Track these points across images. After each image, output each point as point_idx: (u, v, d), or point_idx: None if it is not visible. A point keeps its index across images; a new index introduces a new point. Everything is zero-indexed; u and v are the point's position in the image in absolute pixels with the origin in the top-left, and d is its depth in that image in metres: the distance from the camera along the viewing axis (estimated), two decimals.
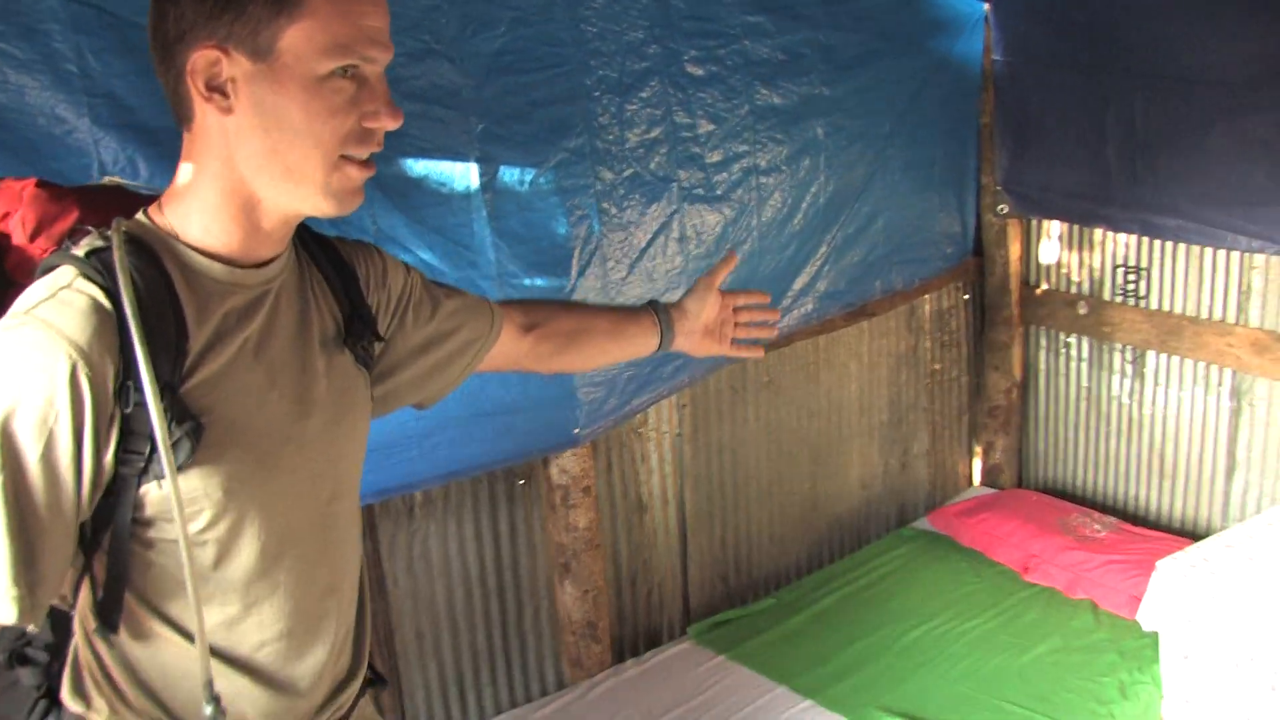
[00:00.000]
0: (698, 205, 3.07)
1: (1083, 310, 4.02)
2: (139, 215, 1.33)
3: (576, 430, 3.00)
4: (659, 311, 1.98)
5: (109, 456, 1.23)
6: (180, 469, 1.25)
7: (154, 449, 1.23)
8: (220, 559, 1.35)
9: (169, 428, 1.23)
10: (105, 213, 1.34)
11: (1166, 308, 3.80)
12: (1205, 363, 3.74)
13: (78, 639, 1.39)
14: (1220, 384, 3.72)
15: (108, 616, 1.32)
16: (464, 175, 2.63)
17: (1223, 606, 2.85)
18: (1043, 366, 4.27)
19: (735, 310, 2.06)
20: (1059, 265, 4.11)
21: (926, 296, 4.10)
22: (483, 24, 2.60)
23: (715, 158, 3.09)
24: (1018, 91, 3.83)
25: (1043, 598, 3.57)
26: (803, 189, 3.33)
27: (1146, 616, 3.04)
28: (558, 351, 1.89)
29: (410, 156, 2.55)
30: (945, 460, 4.38)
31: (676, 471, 3.49)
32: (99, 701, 1.38)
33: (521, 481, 3.14)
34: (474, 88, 2.60)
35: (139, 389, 1.21)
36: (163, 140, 2.16)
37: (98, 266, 1.22)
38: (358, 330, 1.50)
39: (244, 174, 1.28)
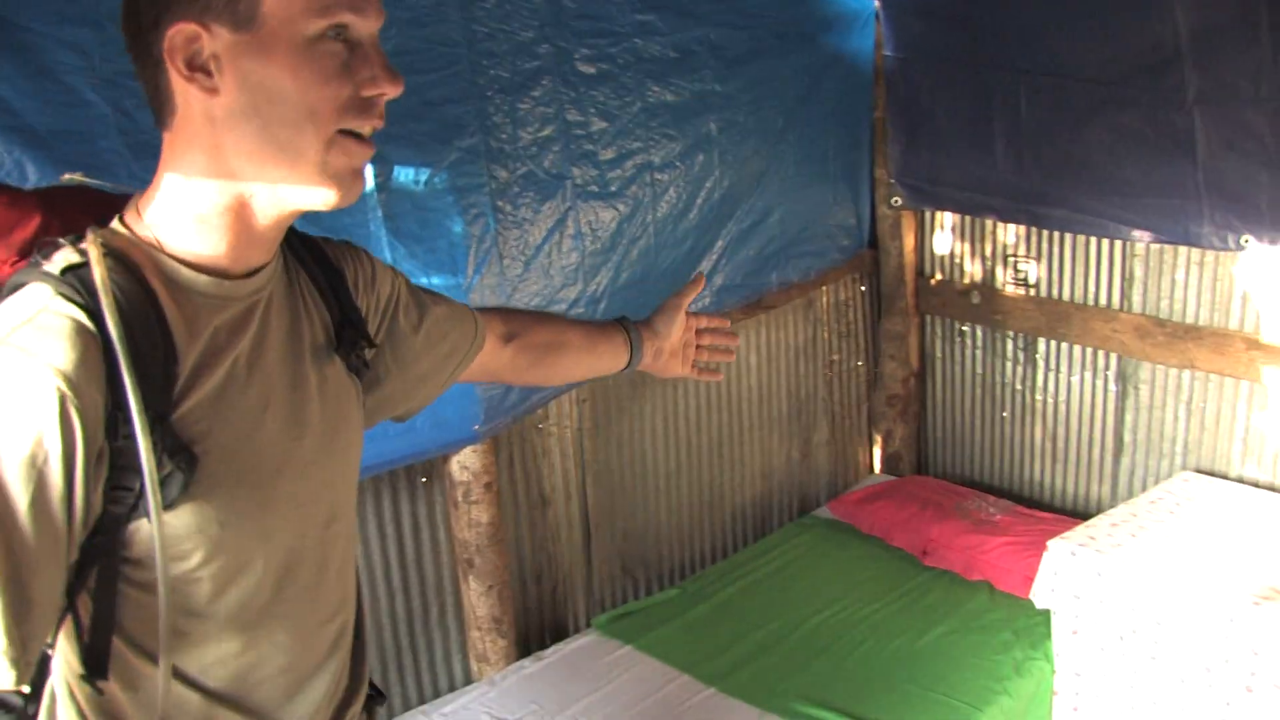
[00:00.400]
0: (592, 202, 3.09)
1: (976, 299, 4.11)
2: (115, 224, 1.21)
3: (477, 427, 3.01)
4: (629, 329, 1.93)
5: (98, 494, 1.12)
6: (173, 504, 1.15)
7: (144, 485, 1.12)
8: (216, 595, 1.24)
9: (160, 460, 1.13)
10: (71, 217, 1.26)
11: (1055, 295, 3.90)
12: (1092, 348, 3.84)
13: (55, 684, 1.25)
14: (1107, 368, 3.82)
15: (95, 662, 1.20)
16: None
17: (1108, 582, 2.94)
18: (939, 355, 4.36)
19: (698, 333, 2.05)
20: (952, 256, 4.19)
21: (824, 288, 4.16)
22: None
23: (609, 155, 3.12)
24: (909, 86, 3.90)
25: (941, 581, 3.65)
26: (697, 184, 3.37)
27: (1039, 595, 3.14)
28: (535, 364, 1.84)
29: None
30: (845, 449, 4.45)
31: (578, 466, 3.52)
32: None
33: (423, 479, 3.15)
34: None
35: (127, 420, 1.10)
36: (51, 144, 2.13)
37: (75, 284, 1.11)
38: (349, 337, 1.40)
39: (235, 165, 1.17)
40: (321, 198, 1.20)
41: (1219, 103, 3.03)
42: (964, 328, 4.24)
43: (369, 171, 2.62)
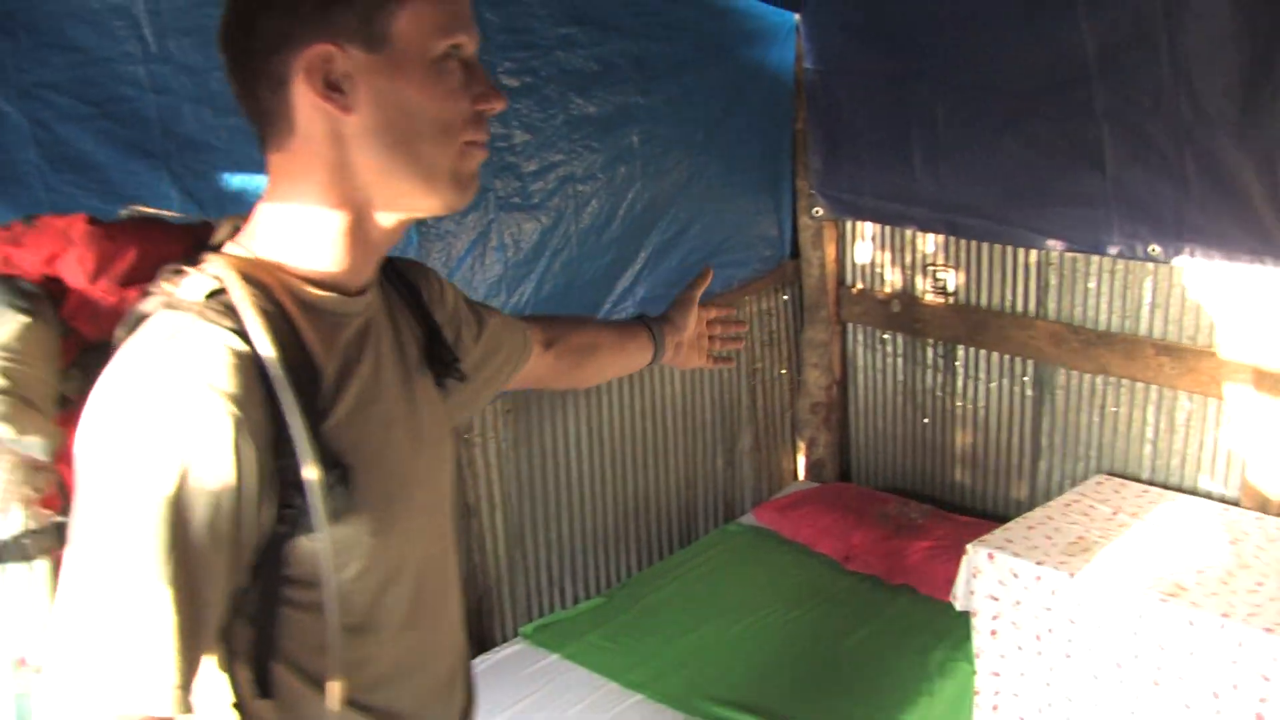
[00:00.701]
0: (515, 214, 3.11)
1: (896, 308, 4.17)
2: (231, 247, 1.22)
3: None
4: (651, 326, 1.98)
5: (266, 515, 1.14)
6: (334, 518, 1.17)
7: (305, 501, 1.14)
8: (369, 607, 1.27)
9: (323, 476, 1.15)
10: (159, 246, 1.26)
11: (973, 303, 3.96)
12: (1010, 355, 3.91)
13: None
14: (1024, 374, 3.90)
15: (261, 685, 1.21)
16: None
17: (1024, 583, 3.00)
18: (861, 363, 4.41)
19: (709, 324, 2.10)
20: (873, 265, 4.25)
21: (746, 298, 4.19)
22: None
23: (531, 167, 3.14)
24: (828, 99, 3.94)
25: (864, 585, 3.69)
26: (619, 196, 3.40)
27: (958, 597, 3.18)
28: (574, 367, 1.87)
29: (226, 170, 2.54)
30: (770, 456, 4.48)
31: (503, 476, 3.52)
32: None
33: None
34: None
35: (288, 438, 1.12)
36: None
37: (221, 309, 1.13)
38: (438, 352, 1.44)
39: (361, 180, 1.20)
40: (445, 202, 1.25)
41: (1124, 116, 3.11)
42: (885, 336, 4.30)
43: None
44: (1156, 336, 3.47)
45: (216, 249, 1.23)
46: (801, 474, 4.60)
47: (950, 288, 4.01)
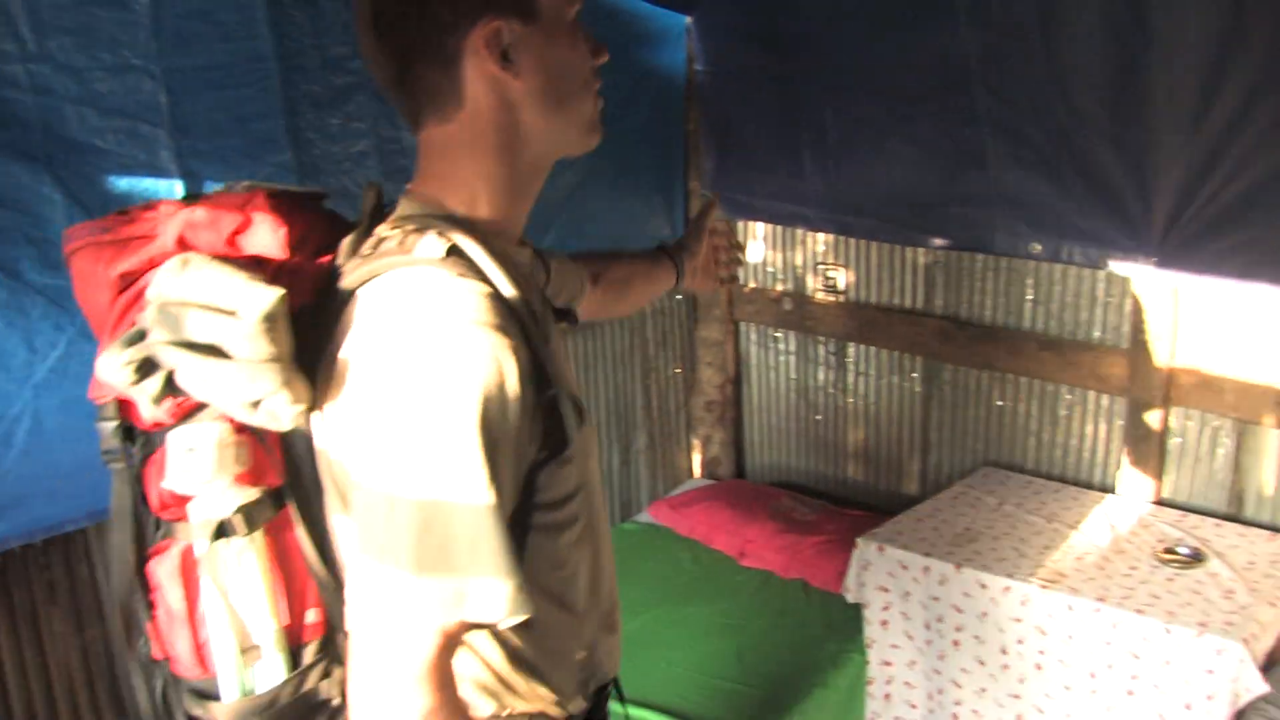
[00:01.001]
0: None
1: (788, 306, 4.23)
2: (429, 213, 1.33)
3: None
4: (672, 252, 2.11)
5: (534, 446, 1.26)
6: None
7: (557, 426, 1.27)
8: (585, 523, 1.42)
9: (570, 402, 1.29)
10: (311, 217, 1.39)
11: (863, 301, 4.04)
12: (899, 351, 3.99)
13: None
14: (913, 370, 3.98)
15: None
16: (168, 191, 2.58)
17: (912, 574, 3.08)
18: (754, 361, 4.47)
19: (714, 248, 2.23)
20: (765, 264, 4.31)
21: None
22: (183, 39, 2.56)
23: None
24: (720, 101, 4.00)
25: (757, 580, 3.74)
26: None
27: (849, 590, 3.26)
28: (616, 299, 2.00)
29: (112, 173, 2.50)
30: (665, 455, 4.52)
31: None
32: (484, 701, 1.39)
33: None
34: (176, 103, 2.57)
35: (543, 372, 1.24)
36: None
37: (463, 264, 1.24)
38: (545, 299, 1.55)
39: (526, 135, 1.35)
40: (585, 145, 1.42)
41: (1005, 119, 3.19)
42: (777, 334, 4.36)
43: (179, 187, 2.60)
44: (1039, 331, 3.57)
45: (377, 217, 1.37)
46: (697, 471, 4.65)
47: (841, 286, 4.08)
